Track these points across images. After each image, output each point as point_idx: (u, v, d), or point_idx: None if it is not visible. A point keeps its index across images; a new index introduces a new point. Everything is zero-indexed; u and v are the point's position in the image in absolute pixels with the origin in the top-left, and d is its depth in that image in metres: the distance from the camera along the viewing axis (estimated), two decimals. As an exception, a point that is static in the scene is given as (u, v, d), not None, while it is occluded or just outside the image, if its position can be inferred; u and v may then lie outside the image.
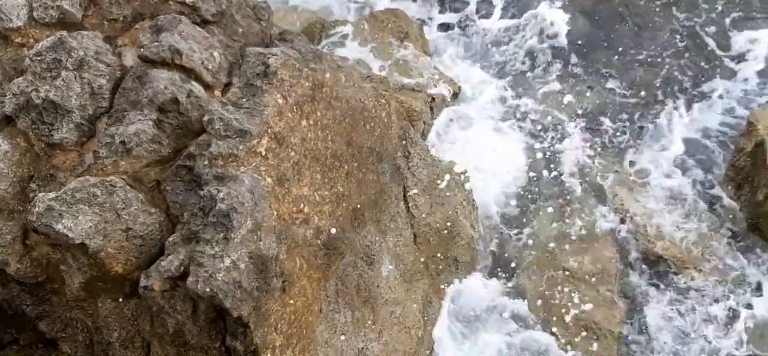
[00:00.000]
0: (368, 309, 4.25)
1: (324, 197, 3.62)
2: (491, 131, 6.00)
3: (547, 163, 5.94)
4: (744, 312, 5.06)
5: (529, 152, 5.94)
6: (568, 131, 6.07)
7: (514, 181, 5.80)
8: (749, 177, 5.22)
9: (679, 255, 5.26)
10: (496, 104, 6.06)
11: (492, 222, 5.66)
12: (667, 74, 6.41)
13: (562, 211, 5.66)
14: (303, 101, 3.48)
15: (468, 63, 6.32)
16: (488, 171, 5.79)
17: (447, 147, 5.81)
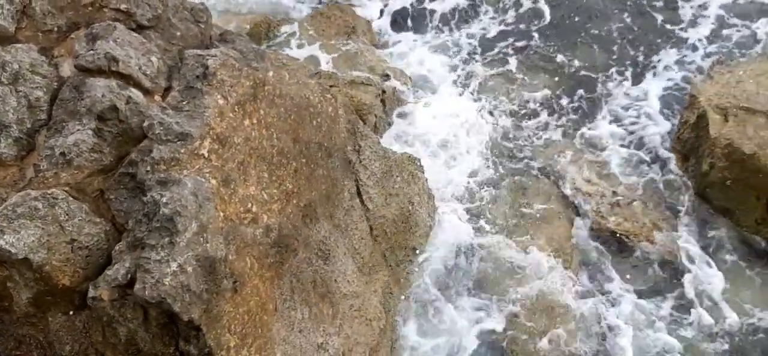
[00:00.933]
0: (326, 304, 4.26)
1: (272, 195, 3.62)
2: (446, 117, 6.06)
3: (502, 145, 6.01)
4: (695, 279, 5.19)
5: (484, 135, 6.00)
6: (523, 112, 6.15)
7: (469, 165, 5.87)
8: (694, 148, 5.35)
9: (631, 228, 5.37)
10: (449, 90, 6.12)
11: (450, 208, 5.72)
12: (618, 51, 6.53)
13: (518, 191, 5.74)
14: (244, 100, 3.48)
15: (419, 52, 6.37)
16: (444, 158, 5.86)
17: (402, 137, 5.85)
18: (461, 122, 5.93)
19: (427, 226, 5.36)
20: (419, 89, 6.00)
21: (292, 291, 3.86)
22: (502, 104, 6.13)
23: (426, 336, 5.13)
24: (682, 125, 5.52)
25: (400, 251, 5.12)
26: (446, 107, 5.91)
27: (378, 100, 5.42)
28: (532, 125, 6.15)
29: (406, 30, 6.47)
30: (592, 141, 6.00)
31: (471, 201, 5.78)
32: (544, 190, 5.75)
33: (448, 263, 5.55)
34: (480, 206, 5.75)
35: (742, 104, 5.10)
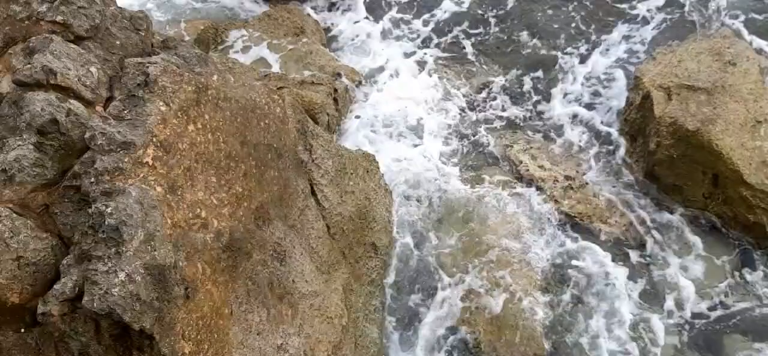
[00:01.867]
0: (285, 304, 4.26)
1: (222, 199, 3.61)
2: (398, 112, 6.09)
3: (455, 137, 6.07)
4: (647, 257, 5.31)
5: (437, 129, 6.06)
6: (477, 99, 6.21)
7: (424, 159, 5.91)
8: (641, 128, 5.47)
9: (585, 210, 5.47)
10: (401, 85, 6.16)
11: (407, 202, 5.76)
12: (569, 36, 6.62)
13: (474, 183, 5.80)
14: (188, 105, 3.47)
15: (369, 49, 6.40)
16: (399, 153, 5.90)
17: (356, 134, 5.88)
18: (412, 118, 5.97)
19: (385, 221, 5.39)
20: (373, 80, 6.03)
21: (248, 293, 3.86)
22: (456, 91, 6.19)
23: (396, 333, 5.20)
24: (629, 106, 5.64)
25: (360, 248, 5.14)
26: (397, 102, 5.95)
27: (330, 98, 5.44)
28: (486, 111, 6.21)
29: (355, 29, 6.50)
30: (545, 126, 6.10)
31: (427, 195, 5.83)
32: (499, 177, 5.82)
33: (407, 256, 5.61)
34: (436, 199, 5.80)
35: (684, 82, 5.23)
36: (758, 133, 5.07)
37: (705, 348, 4.97)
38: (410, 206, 5.75)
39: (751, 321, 5.00)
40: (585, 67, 6.40)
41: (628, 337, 5.08)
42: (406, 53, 6.32)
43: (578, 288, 5.30)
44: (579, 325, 5.21)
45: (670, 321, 5.11)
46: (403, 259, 5.63)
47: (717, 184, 5.19)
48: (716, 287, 5.17)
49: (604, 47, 6.52)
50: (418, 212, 5.74)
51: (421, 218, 5.73)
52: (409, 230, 5.72)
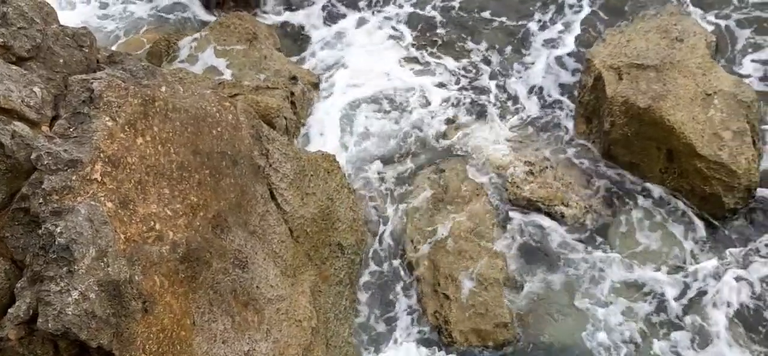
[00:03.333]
0: (251, 311, 4.26)
1: (176, 210, 3.60)
2: (357, 111, 6.11)
3: (414, 132, 6.09)
4: (609, 235, 5.39)
5: (396, 125, 6.07)
6: (430, 98, 6.25)
7: (386, 156, 5.94)
8: (596, 109, 5.55)
9: (546, 195, 5.54)
10: (358, 85, 6.17)
11: (371, 199, 5.79)
12: (523, 23, 6.65)
13: (436, 176, 5.83)
14: (135, 119, 3.45)
15: (322, 50, 6.41)
16: (360, 151, 5.92)
17: (316, 136, 5.89)
18: (370, 116, 6.00)
19: (350, 220, 5.40)
20: (326, 89, 6.05)
21: (210, 303, 3.85)
22: (414, 85, 6.22)
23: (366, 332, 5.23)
24: (582, 88, 5.72)
25: (325, 249, 5.15)
26: (355, 102, 5.98)
27: (286, 102, 5.44)
28: (443, 104, 6.24)
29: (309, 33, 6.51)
30: (502, 114, 6.15)
31: (391, 192, 5.86)
32: (460, 168, 5.86)
33: (375, 253, 5.64)
34: (400, 194, 5.83)
35: (634, 61, 5.32)
36: (708, 106, 5.17)
37: (671, 322, 5.06)
38: (375, 204, 5.77)
39: (714, 292, 5.10)
40: (537, 56, 6.44)
41: (595, 315, 5.16)
42: (366, 49, 6.34)
43: (543, 271, 5.37)
44: (546, 307, 5.28)
45: (637, 297, 5.19)
46: (372, 255, 5.65)
47: (672, 158, 5.28)
48: (678, 260, 5.26)
49: (561, 29, 6.57)
50: (384, 209, 5.76)
51: (387, 215, 5.75)
52: (375, 227, 5.74)
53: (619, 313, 5.16)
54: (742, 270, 5.09)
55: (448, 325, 5.23)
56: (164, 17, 6.52)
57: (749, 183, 5.12)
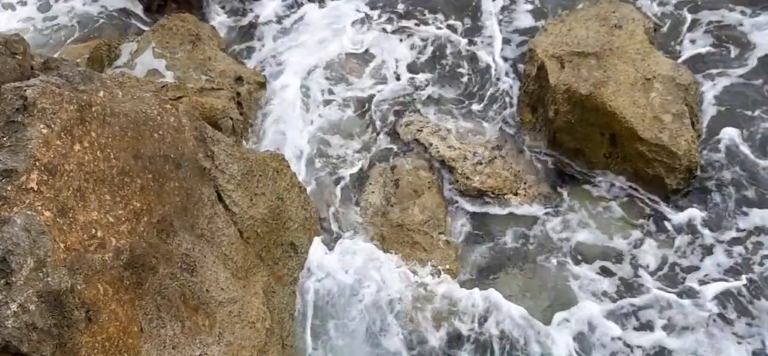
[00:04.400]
0: (201, 315, 4.21)
1: (119, 216, 3.53)
2: (306, 109, 6.09)
3: (364, 128, 6.10)
4: (559, 222, 5.49)
5: (345, 123, 6.08)
6: (381, 88, 6.24)
7: (336, 154, 5.93)
8: (540, 98, 5.65)
9: (495, 184, 5.61)
10: (306, 83, 6.15)
11: (325, 196, 5.78)
12: (468, 13, 6.70)
13: (389, 170, 5.85)
14: (71, 125, 3.37)
15: (271, 48, 6.37)
16: (313, 147, 5.90)
17: (267, 135, 5.86)
18: (319, 115, 5.99)
19: (302, 219, 5.37)
20: (274, 88, 6.02)
21: (158, 309, 3.79)
22: (355, 88, 6.23)
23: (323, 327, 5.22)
24: (527, 78, 5.81)
25: (277, 249, 5.11)
26: (304, 99, 5.97)
27: (232, 103, 5.38)
28: (391, 99, 6.26)
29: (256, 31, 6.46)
30: (450, 107, 6.19)
31: (344, 188, 5.86)
32: (412, 162, 5.89)
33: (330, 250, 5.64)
34: (353, 191, 5.84)
35: (575, 49, 5.43)
36: (648, 90, 5.30)
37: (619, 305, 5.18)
38: (328, 201, 5.77)
39: (660, 272, 5.24)
40: (484, 45, 6.51)
41: (547, 300, 5.26)
42: (313, 46, 6.32)
43: (495, 260, 5.44)
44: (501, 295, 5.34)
45: (585, 281, 5.30)
46: (328, 252, 5.65)
47: (615, 143, 5.40)
48: (624, 242, 5.39)
49: (507, 20, 6.63)
50: (337, 207, 5.76)
51: (341, 212, 5.76)
52: (329, 225, 5.74)
53: (569, 292, 5.25)
54: (687, 249, 5.23)
55: (403, 319, 5.26)
56: (105, 22, 6.40)
57: (690, 164, 5.27)
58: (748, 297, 4.98)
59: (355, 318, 5.31)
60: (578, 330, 5.07)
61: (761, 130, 5.63)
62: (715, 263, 5.16)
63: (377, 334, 5.14)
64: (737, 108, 5.76)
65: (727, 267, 5.13)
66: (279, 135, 5.99)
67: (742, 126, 5.65)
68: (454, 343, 5.05)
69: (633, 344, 4.94)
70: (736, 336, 4.83)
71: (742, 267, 5.11)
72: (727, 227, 5.27)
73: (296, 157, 5.78)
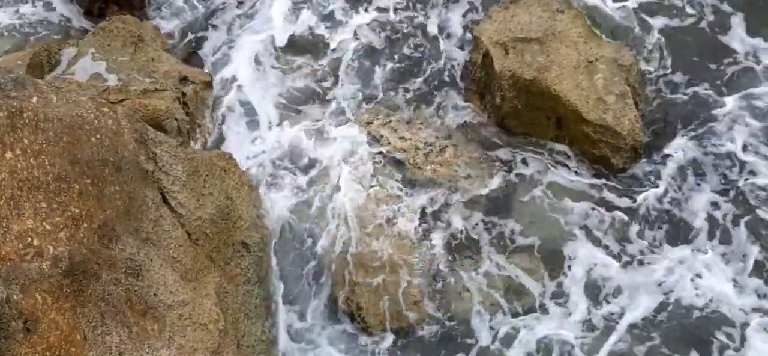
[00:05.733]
0: (150, 319, 4.15)
1: (56, 224, 3.46)
2: (254, 105, 6.02)
3: (314, 121, 6.06)
4: (510, 202, 5.54)
5: (294, 121, 6.03)
6: (328, 86, 6.20)
7: (286, 152, 5.89)
8: (487, 85, 5.69)
9: (447, 172, 5.63)
10: (253, 82, 6.08)
11: (277, 193, 5.74)
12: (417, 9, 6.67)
13: (341, 163, 5.83)
14: (1, 133, 3.29)
15: (218, 46, 6.29)
16: (259, 148, 5.85)
17: (213, 134, 5.79)
18: (267, 115, 5.94)
19: (253, 217, 5.32)
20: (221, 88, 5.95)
21: (102, 315, 3.73)
22: (306, 77, 6.18)
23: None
24: (473, 66, 5.85)
25: (228, 249, 5.06)
26: (250, 99, 5.91)
27: (177, 103, 5.31)
28: (341, 91, 6.21)
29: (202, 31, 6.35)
30: (400, 98, 6.18)
31: (298, 186, 5.82)
32: (363, 155, 5.87)
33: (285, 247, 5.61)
34: (308, 187, 5.81)
35: (518, 35, 5.48)
36: (591, 72, 5.39)
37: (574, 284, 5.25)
38: (279, 198, 5.73)
39: (614, 247, 5.32)
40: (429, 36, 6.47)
41: (501, 284, 5.30)
42: (244, 53, 6.25)
43: (450, 247, 5.47)
44: (456, 282, 5.39)
45: (538, 263, 5.37)
46: (282, 250, 5.62)
47: (561, 126, 5.47)
48: (575, 222, 5.46)
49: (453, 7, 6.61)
50: (289, 203, 5.73)
51: (294, 208, 5.72)
52: (282, 222, 5.70)
53: (523, 279, 5.32)
54: (634, 225, 5.35)
55: (361, 311, 5.27)
56: (45, 27, 6.24)
57: (634, 143, 5.37)
58: (692, 273, 5.13)
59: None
60: (532, 310, 5.16)
61: (702, 107, 5.75)
62: (662, 238, 5.27)
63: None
64: (680, 86, 5.88)
65: (674, 242, 5.24)
66: (227, 133, 5.91)
67: (685, 104, 5.77)
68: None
69: (583, 330, 5.04)
70: (680, 305, 4.99)
71: (689, 241, 5.24)
72: (672, 203, 5.38)
73: (245, 155, 5.72)
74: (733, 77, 5.91)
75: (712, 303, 5.07)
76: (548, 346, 5.06)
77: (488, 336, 5.21)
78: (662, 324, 5.03)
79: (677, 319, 5.03)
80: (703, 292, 5.10)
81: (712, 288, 5.10)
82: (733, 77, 5.91)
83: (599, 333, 5.05)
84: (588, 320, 5.09)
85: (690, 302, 5.08)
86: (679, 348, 4.95)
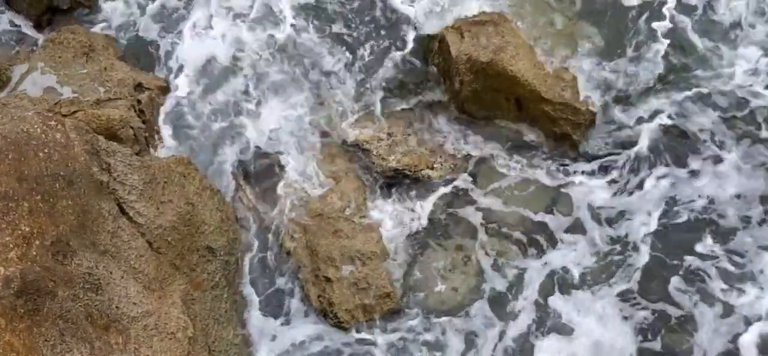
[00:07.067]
0: (113, 333, 4.10)
1: (6, 243, 3.39)
2: (212, 111, 5.94)
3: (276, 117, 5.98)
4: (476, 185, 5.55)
5: (254, 113, 5.94)
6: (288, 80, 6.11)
7: (248, 150, 5.82)
8: (446, 71, 5.67)
9: (411, 161, 5.61)
10: (209, 86, 5.99)
11: (242, 195, 5.69)
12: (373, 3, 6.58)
13: (304, 161, 5.79)
14: (-60, 155, 3.21)
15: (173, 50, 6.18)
16: (220, 148, 5.77)
17: (171, 139, 5.71)
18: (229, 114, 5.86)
19: (217, 221, 5.26)
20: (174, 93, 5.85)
21: (61, 333, 3.67)
22: (266, 75, 6.09)
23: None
24: (431, 53, 5.83)
25: (193, 255, 5.00)
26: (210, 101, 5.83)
27: (132, 111, 5.22)
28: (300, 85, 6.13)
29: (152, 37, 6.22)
30: (361, 90, 6.12)
31: (259, 183, 5.77)
32: (326, 150, 5.83)
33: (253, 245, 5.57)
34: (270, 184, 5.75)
35: (472, 18, 5.46)
36: (546, 50, 5.40)
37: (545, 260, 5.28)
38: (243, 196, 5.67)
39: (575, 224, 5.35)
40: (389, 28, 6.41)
41: (474, 266, 5.32)
42: (219, 41, 6.13)
43: (418, 237, 5.47)
44: (427, 269, 5.40)
45: (509, 243, 5.38)
46: (251, 252, 5.57)
47: (521, 107, 5.48)
48: (541, 200, 5.49)
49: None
50: (253, 201, 5.67)
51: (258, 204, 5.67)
52: (249, 223, 5.65)
53: (495, 259, 5.34)
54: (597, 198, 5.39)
55: (333, 307, 5.25)
56: (-6, 43, 6.08)
57: (593, 117, 5.39)
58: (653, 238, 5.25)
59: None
60: (504, 294, 5.20)
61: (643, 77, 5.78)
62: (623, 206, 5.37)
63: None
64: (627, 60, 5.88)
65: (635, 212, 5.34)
66: (185, 137, 5.78)
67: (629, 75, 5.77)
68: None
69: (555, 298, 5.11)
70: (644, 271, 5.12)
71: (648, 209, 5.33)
72: (632, 173, 5.43)
73: (206, 159, 5.63)
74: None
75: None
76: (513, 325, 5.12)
77: (461, 323, 5.22)
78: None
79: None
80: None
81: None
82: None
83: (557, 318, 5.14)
84: (555, 303, 5.13)
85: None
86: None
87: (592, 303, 5.13)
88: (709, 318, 4.98)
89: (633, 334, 5.01)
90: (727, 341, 4.92)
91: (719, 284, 5.07)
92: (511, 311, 5.24)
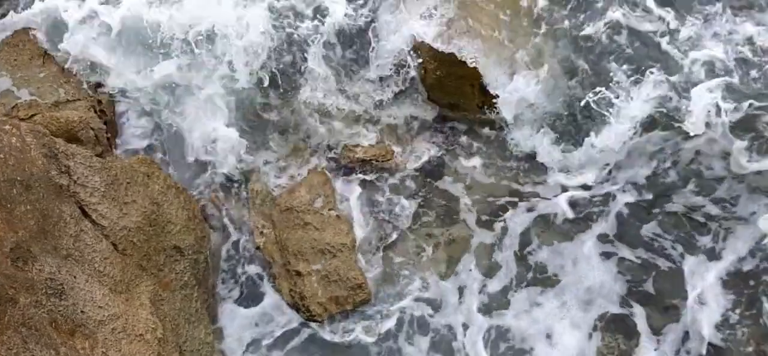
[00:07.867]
0: (79, 338, 4.04)
1: (-38, 252, 3.31)
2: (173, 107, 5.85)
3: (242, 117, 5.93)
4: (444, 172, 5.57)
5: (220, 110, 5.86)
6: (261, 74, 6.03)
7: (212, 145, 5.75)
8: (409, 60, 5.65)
9: (378, 152, 5.61)
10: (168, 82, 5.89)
11: (210, 193, 5.64)
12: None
13: (271, 157, 5.75)
14: None
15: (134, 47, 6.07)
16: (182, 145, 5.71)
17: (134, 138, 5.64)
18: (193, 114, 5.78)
19: (184, 220, 5.20)
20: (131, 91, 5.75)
21: (24, 341, 3.60)
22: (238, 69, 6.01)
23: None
24: (395, 42, 5.81)
25: (160, 255, 4.94)
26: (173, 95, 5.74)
27: (91, 112, 5.13)
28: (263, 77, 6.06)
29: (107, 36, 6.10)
30: (328, 82, 6.07)
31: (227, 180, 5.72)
32: (292, 144, 5.80)
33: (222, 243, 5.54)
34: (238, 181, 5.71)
35: (433, 6, 5.46)
36: (508, 36, 5.42)
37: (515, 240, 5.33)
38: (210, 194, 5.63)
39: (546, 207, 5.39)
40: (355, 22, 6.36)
41: (442, 253, 5.37)
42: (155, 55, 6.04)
43: (388, 224, 5.48)
44: (398, 258, 5.41)
45: (477, 229, 5.41)
46: (221, 250, 5.54)
47: (486, 92, 5.49)
48: (508, 183, 5.52)
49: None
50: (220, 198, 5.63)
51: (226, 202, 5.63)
52: (217, 221, 5.61)
53: (465, 244, 5.38)
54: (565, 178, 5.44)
55: (305, 300, 5.25)
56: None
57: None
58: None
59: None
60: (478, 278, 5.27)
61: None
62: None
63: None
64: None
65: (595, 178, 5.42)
66: (149, 136, 5.70)
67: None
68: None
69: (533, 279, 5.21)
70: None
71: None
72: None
73: (170, 156, 5.56)
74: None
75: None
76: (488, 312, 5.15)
77: (433, 311, 5.25)
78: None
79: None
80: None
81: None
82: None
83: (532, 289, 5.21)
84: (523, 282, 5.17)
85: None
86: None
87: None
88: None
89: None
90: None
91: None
92: (484, 297, 5.28)
